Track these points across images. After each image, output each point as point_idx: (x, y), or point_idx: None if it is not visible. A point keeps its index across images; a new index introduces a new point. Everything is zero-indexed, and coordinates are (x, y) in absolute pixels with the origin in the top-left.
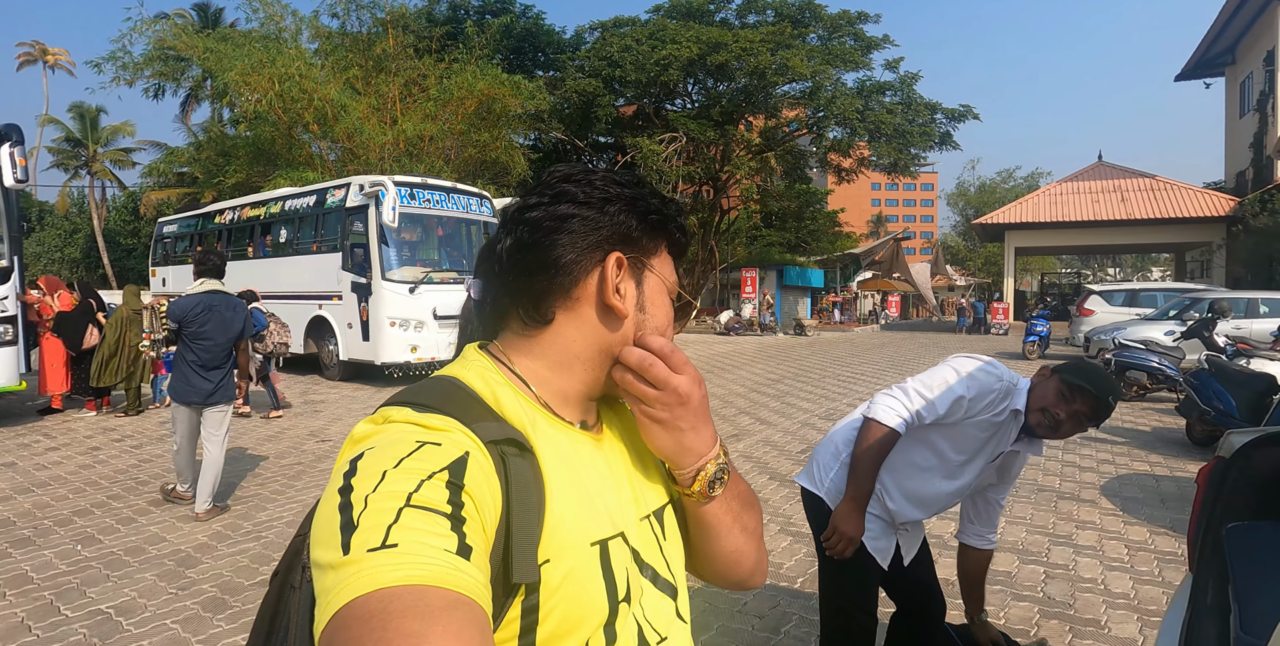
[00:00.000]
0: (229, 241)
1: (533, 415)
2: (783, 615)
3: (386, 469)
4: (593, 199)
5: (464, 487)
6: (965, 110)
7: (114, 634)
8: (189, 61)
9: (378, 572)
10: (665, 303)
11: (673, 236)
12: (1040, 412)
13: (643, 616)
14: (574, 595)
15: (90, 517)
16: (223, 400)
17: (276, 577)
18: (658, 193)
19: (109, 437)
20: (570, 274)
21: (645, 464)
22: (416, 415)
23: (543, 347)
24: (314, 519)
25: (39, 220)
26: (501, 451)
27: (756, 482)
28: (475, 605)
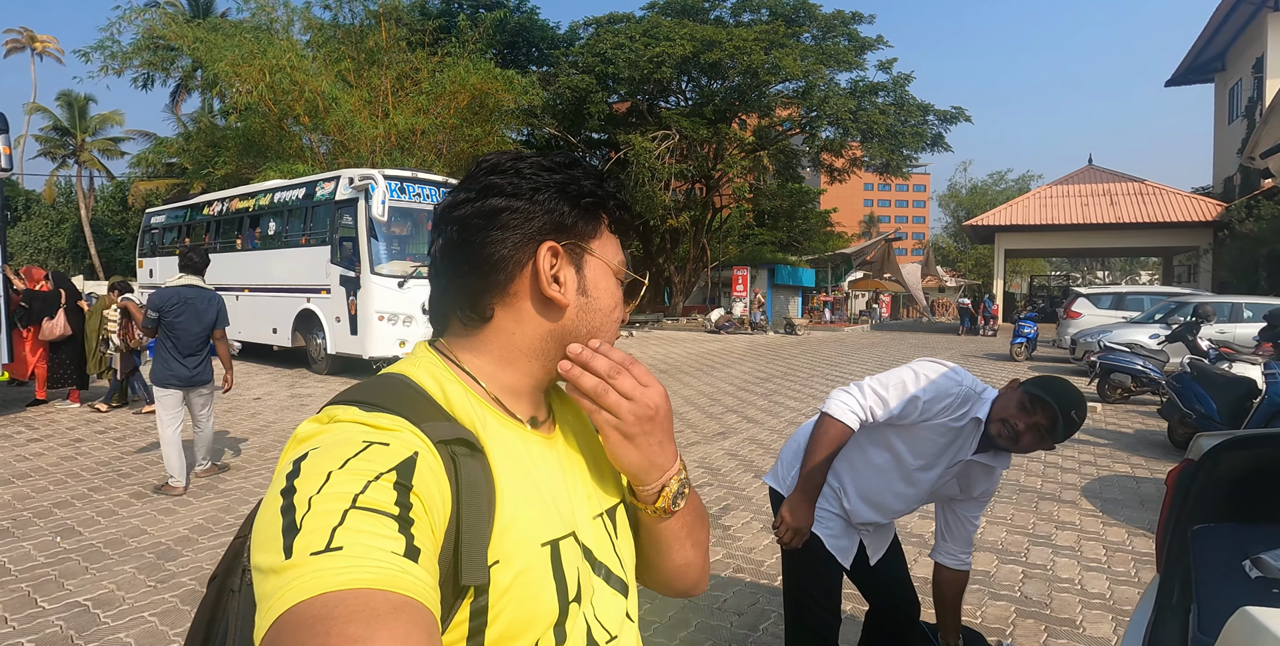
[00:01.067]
0: (217, 233)
1: (483, 414)
2: (761, 612)
3: (332, 470)
4: (521, 190)
5: (412, 488)
6: (957, 112)
7: (91, 626)
8: (179, 51)
9: (321, 576)
10: (610, 285)
11: (612, 214)
12: (1000, 423)
13: (593, 615)
14: (524, 596)
15: (70, 510)
16: (201, 383)
17: (214, 581)
18: (591, 172)
19: (91, 429)
20: (504, 270)
21: (597, 462)
22: (364, 414)
23: (486, 344)
24: (255, 521)
25: (25, 209)
26: (452, 451)
27: (741, 480)
28: (422, 608)
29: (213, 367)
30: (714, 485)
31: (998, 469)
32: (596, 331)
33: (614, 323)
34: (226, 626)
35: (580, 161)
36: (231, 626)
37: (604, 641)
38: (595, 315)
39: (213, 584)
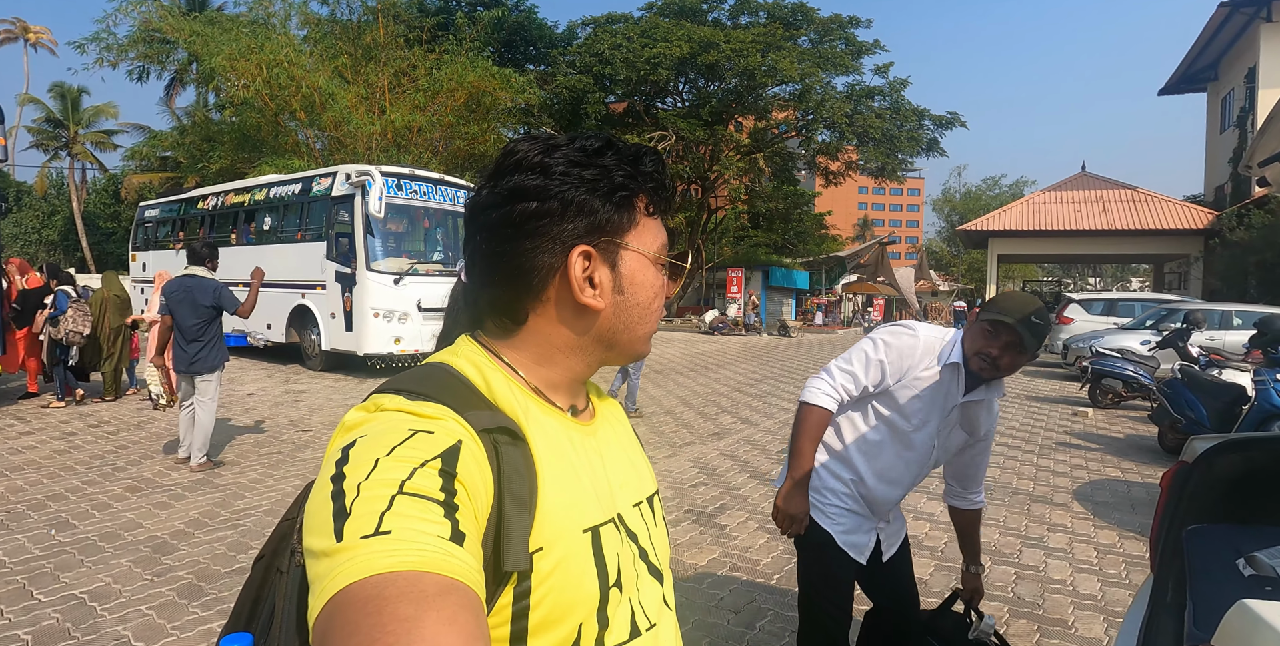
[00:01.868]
0: (212, 228)
1: (525, 402)
2: (758, 610)
3: (379, 456)
4: (549, 192)
5: (456, 475)
6: (953, 117)
7: (87, 619)
8: (174, 44)
9: (371, 559)
10: (648, 275)
11: (651, 197)
12: (977, 357)
13: (637, 600)
14: (565, 582)
15: (65, 502)
16: (204, 370)
17: (261, 561)
18: (626, 156)
19: (85, 423)
20: (537, 278)
21: (634, 453)
22: (409, 403)
23: (524, 343)
24: (306, 506)
25: (16, 201)
26: (494, 440)
27: (736, 480)
28: (469, 590)
29: (217, 357)
30: (709, 485)
31: (993, 400)
32: (636, 325)
33: (654, 312)
34: (273, 605)
35: (614, 143)
36: (279, 606)
37: (645, 628)
38: (633, 310)
39: (259, 564)
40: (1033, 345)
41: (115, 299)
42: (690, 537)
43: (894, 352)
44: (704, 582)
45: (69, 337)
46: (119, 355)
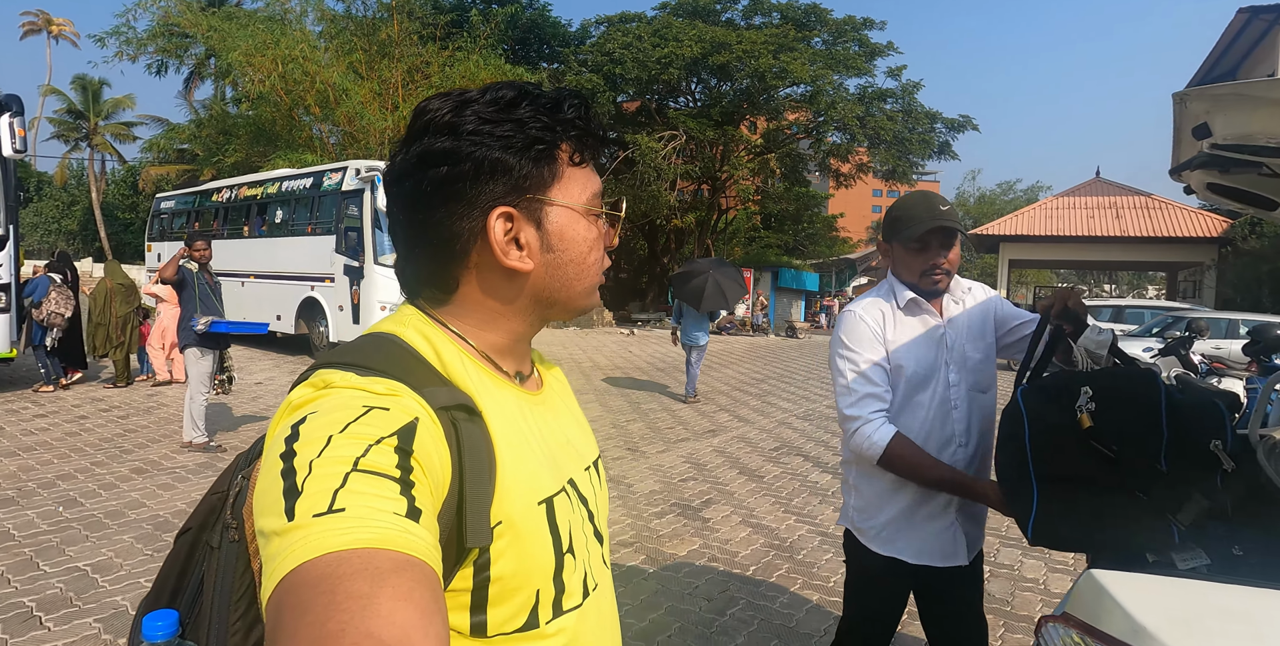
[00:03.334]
0: (225, 220)
1: (477, 374)
2: (730, 599)
3: (332, 433)
4: (461, 153)
5: (413, 453)
6: (965, 121)
7: (89, 589)
8: (193, 39)
9: (325, 537)
10: (580, 228)
11: (575, 144)
12: (927, 276)
13: (587, 561)
14: (523, 552)
15: (73, 482)
16: (180, 349)
17: (186, 535)
18: (544, 102)
19: (96, 407)
20: (460, 244)
21: (579, 418)
22: (361, 380)
23: (462, 308)
24: (255, 486)
25: (37, 191)
26: (452, 417)
27: (725, 476)
28: (425, 566)
29: (183, 339)
30: (698, 480)
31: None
32: (573, 281)
33: (592, 265)
34: (202, 581)
35: (529, 93)
36: (208, 581)
37: (592, 588)
38: (568, 267)
39: (183, 538)
40: (957, 226)
41: (120, 287)
42: (674, 529)
43: (856, 338)
44: (681, 571)
45: (49, 319)
46: (128, 342)
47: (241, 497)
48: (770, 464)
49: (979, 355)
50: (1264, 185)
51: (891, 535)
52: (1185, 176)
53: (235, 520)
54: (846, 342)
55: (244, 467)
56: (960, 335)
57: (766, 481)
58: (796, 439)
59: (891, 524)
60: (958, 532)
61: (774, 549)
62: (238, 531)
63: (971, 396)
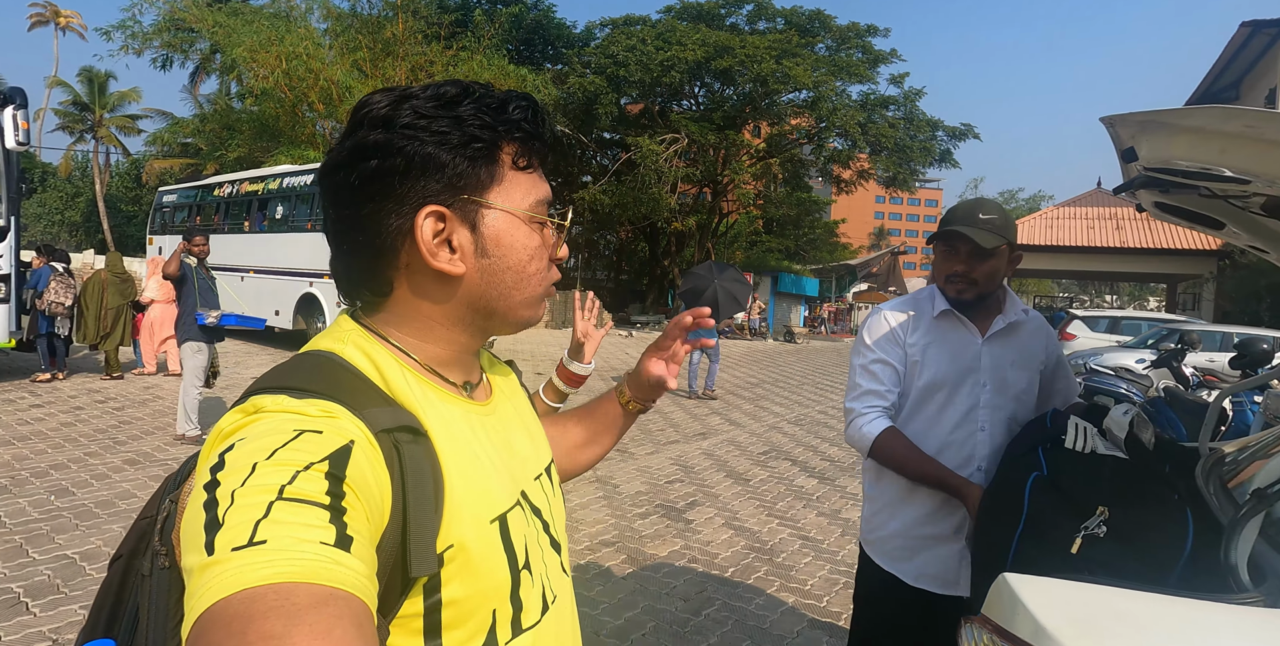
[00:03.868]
0: (226, 215)
1: (422, 389)
2: (707, 600)
3: (258, 461)
4: (393, 147)
5: (345, 479)
6: (966, 129)
7: (77, 576)
8: (198, 34)
9: (242, 572)
10: (520, 235)
11: (520, 147)
12: (949, 283)
13: (544, 574)
14: (476, 574)
15: (66, 471)
16: (178, 343)
17: (119, 561)
18: (487, 102)
19: (92, 398)
20: (390, 244)
21: (530, 423)
22: (295, 402)
23: (401, 317)
24: (180, 519)
25: (41, 182)
26: (395, 439)
27: (712, 479)
28: (352, 598)
29: (182, 333)
30: (684, 482)
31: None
32: (512, 290)
33: (534, 275)
34: (136, 609)
35: (472, 90)
36: (144, 611)
37: (550, 601)
38: (504, 275)
39: (116, 564)
40: (992, 240)
41: (115, 279)
42: (656, 529)
43: (876, 333)
44: (660, 571)
45: (51, 309)
46: (121, 334)
47: (170, 522)
48: (758, 467)
49: (1022, 383)
50: (1205, 205)
51: (895, 551)
52: (1137, 195)
53: (164, 546)
54: (865, 340)
55: (171, 491)
56: (1002, 357)
57: (752, 485)
58: (786, 443)
59: (896, 538)
60: (964, 561)
61: (754, 551)
62: (167, 557)
63: (1009, 425)
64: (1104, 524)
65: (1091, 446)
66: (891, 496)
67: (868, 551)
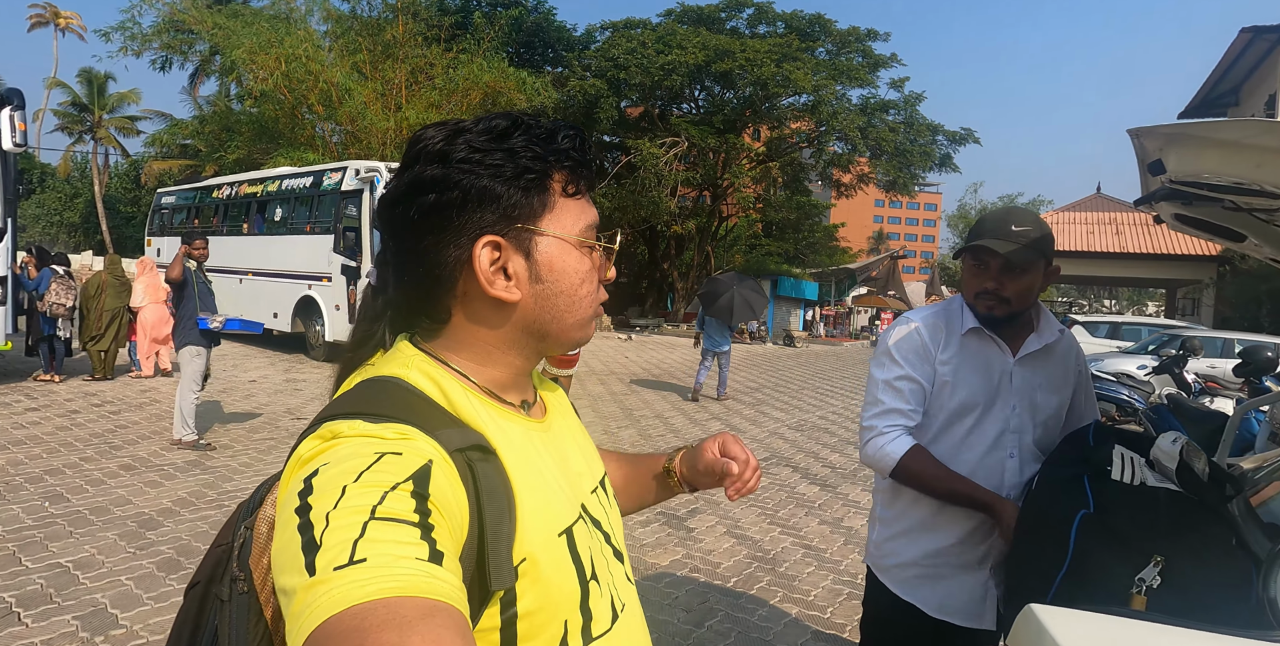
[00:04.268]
0: (225, 216)
1: (485, 410)
2: (709, 610)
3: (346, 484)
4: (450, 181)
5: (429, 497)
6: (966, 133)
7: (70, 586)
8: (198, 35)
9: (348, 589)
10: (572, 260)
11: (570, 175)
12: (979, 299)
13: (611, 584)
14: (548, 587)
15: (61, 477)
16: (176, 347)
17: (195, 588)
18: (537, 132)
19: (89, 402)
20: (448, 274)
21: (582, 438)
22: (371, 426)
23: (457, 342)
24: (274, 544)
25: (40, 183)
26: (468, 458)
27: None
28: (453, 610)
29: (181, 337)
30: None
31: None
32: (564, 313)
33: (585, 297)
34: (215, 633)
35: (523, 122)
36: (223, 634)
37: (620, 609)
38: (558, 299)
39: (193, 592)
40: (1026, 255)
41: (114, 281)
42: (657, 538)
43: (903, 351)
44: (662, 581)
45: (52, 310)
46: (116, 337)
47: (246, 548)
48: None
49: (1051, 408)
50: (1229, 218)
51: (915, 580)
52: (1156, 207)
53: (243, 572)
54: (891, 352)
55: (246, 518)
56: (1033, 379)
57: (754, 492)
58: (787, 449)
59: (916, 566)
60: (991, 592)
61: (756, 560)
62: (246, 583)
63: (1035, 451)
64: (1159, 574)
65: (1141, 478)
66: (912, 522)
67: (880, 578)
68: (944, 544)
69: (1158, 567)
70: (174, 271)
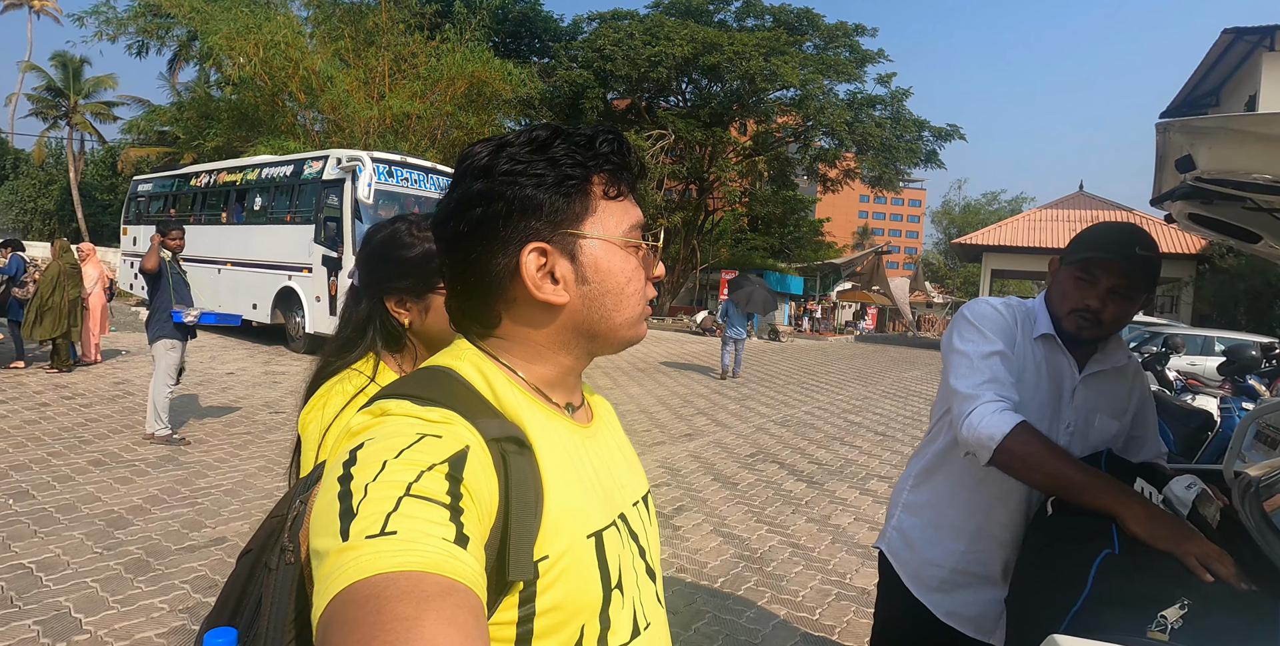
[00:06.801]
0: (203, 205)
1: (529, 406)
2: (696, 613)
3: (387, 459)
4: (494, 193)
5: (463, 480)
6: (952, 130)
7: (32, 588)
8: (175, 20)
9: (376, 558)
10: (617, 260)
11: (610, 178)
12: (1073, 315)
13: (637, 599)
14: (569, 587)
15: (27, 473)
16: (149, 340)
17: (247, 556)
18: (577, 140)
19: (59, 394)
20: (498, 281)
21: (628, 451)
22: (417, 408)
23: (509, 342)
24: (314, 507)
25: (14, 169)
26: (502, 449)
27: (699, 483)
28: (470, 592)
29: (154, 330)
30: (671, 486)
31: (1125, 368)
32: (612, 313)
33: (633, 296)
34: (260, 601)
35: (562, 131)
36: (266, 601)
37: (643, 627)
38: (605, 299)
39: (245, 558)
40: (1144, 284)
41: (70, 268)
42: None
43: (991, 327)
44: None
45: (26, 294)
46: (76, 326)
47: (299, 521)
48: (745, 470)
49: (1109, 434)
50: (1247, 218)
51: (929, 579)
52: (1168, 206)
53: (292, 543)
54: (976, 326)
55: (302, 492)
56: (1095, 400)
57: (740, 489)
58: (773, 445)
59: (933, 566)
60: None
61: (744, 560)
62: (294, 554)
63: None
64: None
65: None
66: (938, 518)
67: (895, 566)
68: (968, 548)
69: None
70: (150, 262)
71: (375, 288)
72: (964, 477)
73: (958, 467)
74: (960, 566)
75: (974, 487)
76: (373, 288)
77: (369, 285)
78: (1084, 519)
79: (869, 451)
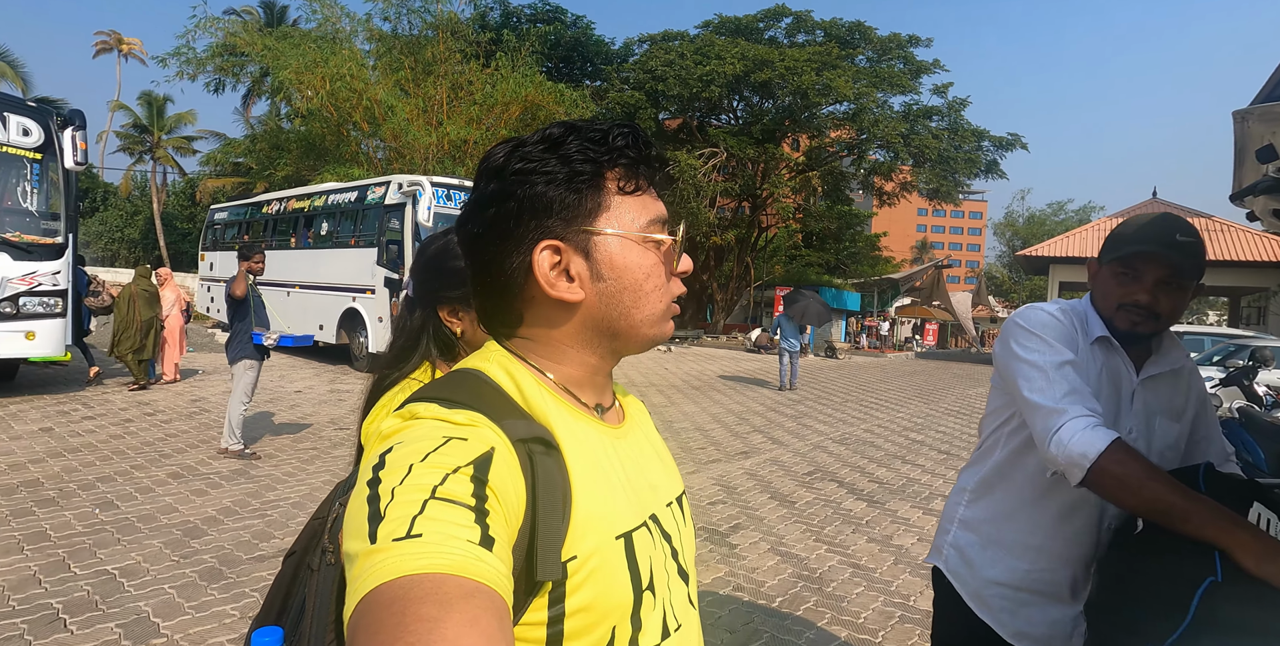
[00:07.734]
0: (274, 231)
1: (557, 407)
2: (754, 632)
3: (413, 462)
4: (507, 192)
5: (488, 482)
6: (1014, 139)
7: (115, 593)
8: (249, 58)
9: (401, 561)
10: (635, 255)
11: (625, 173)
12: (1123, 311)
13: (668, 601)
14: (599, 588)
15: (112, 484)
16: (229, 361)
17: (291, 557)
18: (591, 135)
19: (142, 411)
20: (515, 280)
21: (662, 452)
22: (444, 411)
23: (532, 341)
24: (345, 511)
25: (103, 201)
26: (529, 449)
27: (756, 501)
28: (495, 594)
29: (235, 351)
30: (727, 503)
31: (1183, 369)
32: (631, 309)
33: (654, 292)
34: (304, 601)
35: (577, 128)
36: (310, 602)
37: (674, 628)
38: (623, 295)
39: (290, 560)
40: (1192, 272)
41: (143, 292)
42: (699, 554)
43: (1054, 335)
44: (705, 600)
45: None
46: (151, 346)
47: (338, 523)
48: (803, 489)
49: (1170, 438)
50: None
51: (991, 598)
52: (1248, 202)
53: (332, 544)
54: (1037, 332)
55: (341, 495)
56: (1155, 403)
57: (798, 507)
58: (831, 463)
59: (996, 586)
60: (1079, 628)
61: (802, 579)
62: (334, 555)
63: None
64: None
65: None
66: (998, 534)
67: (954, 584)
68: (1032, 567)
69: None
70: (239, 288)
71: (428, 298)
72: (1025, 492)
73: (1019, 482)
74: (1024, 584)
75: (1036, 502)
76: (426, 298)
77: (422, 295)
78: (1178, 539)
79: (932, 470)
